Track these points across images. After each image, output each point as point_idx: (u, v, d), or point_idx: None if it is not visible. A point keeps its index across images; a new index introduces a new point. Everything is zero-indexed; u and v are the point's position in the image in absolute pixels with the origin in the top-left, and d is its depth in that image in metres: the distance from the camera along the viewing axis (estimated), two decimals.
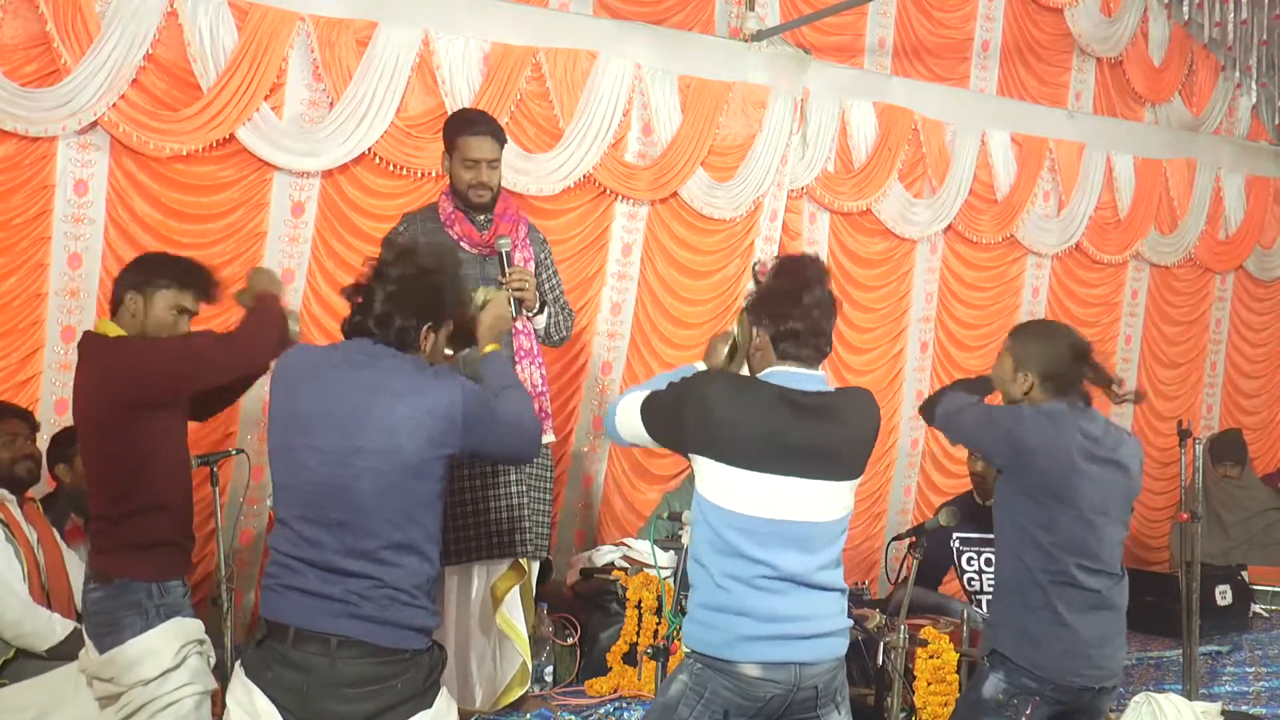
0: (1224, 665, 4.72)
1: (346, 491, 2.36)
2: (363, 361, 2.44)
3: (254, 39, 4.35)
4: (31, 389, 4.20)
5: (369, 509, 2.36)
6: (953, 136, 5.99)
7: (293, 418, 2.44)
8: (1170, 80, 6.84)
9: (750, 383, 2.54)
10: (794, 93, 5.46)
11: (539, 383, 3.77)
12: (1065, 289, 6.56)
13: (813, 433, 2.46)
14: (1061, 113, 6.41)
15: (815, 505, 2.47)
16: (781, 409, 2.45)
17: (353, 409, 2.39)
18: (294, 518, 2.42)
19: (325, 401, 2.41)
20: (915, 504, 6.24)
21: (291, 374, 2.51)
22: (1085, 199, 6.40)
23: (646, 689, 3.97)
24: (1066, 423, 2.89)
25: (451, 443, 2.43)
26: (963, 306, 6.26)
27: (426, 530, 2.43)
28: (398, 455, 2.37)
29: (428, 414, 2.39)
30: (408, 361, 2.46)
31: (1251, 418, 7.32)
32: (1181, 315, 7.01)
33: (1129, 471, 2.98)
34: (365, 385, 2.41)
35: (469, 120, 3.84)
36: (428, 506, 2.44)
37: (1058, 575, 2.86)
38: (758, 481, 2.43)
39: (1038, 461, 2.87)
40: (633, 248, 5.32)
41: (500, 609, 3.64)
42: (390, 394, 2.40)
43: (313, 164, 4.54)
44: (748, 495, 2.43)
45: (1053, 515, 2.86)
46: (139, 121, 4.20)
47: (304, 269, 4.66)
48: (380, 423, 2.37)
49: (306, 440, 2.40)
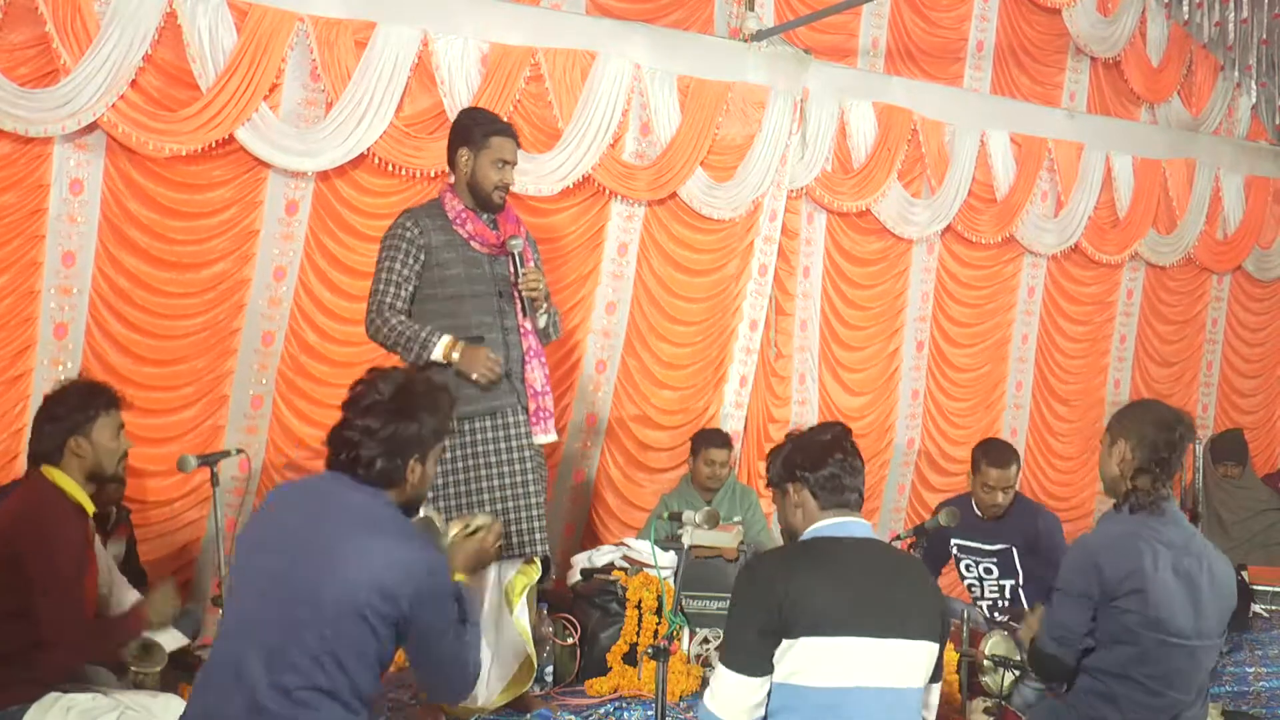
0: (1224, 665, 4.68)
1: (279, 623, 2.24)
2: (339, 493, 2.35)
3: (253, 39, 4.34)
4: (23, 385, 4.21)
5: (299, 643, 2.22)
6: (952, 137, 6.01)
7: (253, 537, 2.40)
8: (1169, 80, 6.87)
9: (805, 547, 2.47)
10: (793, 93, 5.47)
11: (543, 382, 3.77)
12: (1060, 289, 6.61)
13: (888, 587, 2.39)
14: (1061, 113, 6.43)
15: (896, 668, 2.36)
16: (854, 563, 2.40)
17: (311, 539, 2.28)
18: (222, 636, 2.35)
19: (291, 528, 2.33)
20: (909, 502, 6.28)
21: (275, 503, 2.48)
22: (1084, 199, 6.43)
23: (646, 689, 3.97)
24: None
25: (400, 608, 2.26)
26: (958, 306, 6.30)
27: (354, 684, 2.25)
28: (343, 597, 2.22)
29: (385, 566, 2.25)
30: (383, 500, 2.36)
31: (1248, 417, 7.36)
32: (1176, 315, 7.06)
33: None
34: (333, 518, 2.31)
35: (499, 121, 3.85)
36: (363, 660, 2.26)
37: None
38: (848, 648, 2.32)
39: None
40: (628, 247, 5.34)
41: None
42: (354, 533, 2.29)
43: (311, 164, 4.55)
44: (836, 666, 2.31)
45: None
46: (138, 122, 4.21)
47: (296, 267, 4.68)
48: (335, 559, 2.25)
49: (254, 560, 2.34)
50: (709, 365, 5.59)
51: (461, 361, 3.59)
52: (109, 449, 3.12)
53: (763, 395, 5.71)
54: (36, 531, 2.93)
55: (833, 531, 2.46)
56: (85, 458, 3.08)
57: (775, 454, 2.61)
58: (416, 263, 3.68)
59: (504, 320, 3.71)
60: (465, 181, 3.76)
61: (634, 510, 5.43)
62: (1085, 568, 2.78)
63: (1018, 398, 6.52)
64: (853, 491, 2.50)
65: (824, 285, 5.87)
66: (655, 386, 5.47)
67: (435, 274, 3.68)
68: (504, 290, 3.72)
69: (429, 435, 2.40)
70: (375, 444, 2.33)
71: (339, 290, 4.74)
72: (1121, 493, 2.86)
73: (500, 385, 3.66)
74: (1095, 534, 2.88)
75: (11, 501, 3.18)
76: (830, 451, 2.50)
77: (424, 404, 2.40)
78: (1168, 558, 2.75)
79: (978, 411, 6.33)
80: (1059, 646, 2.83)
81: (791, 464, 2.52)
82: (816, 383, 5.88)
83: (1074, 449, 6.67)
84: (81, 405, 3.10)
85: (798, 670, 2.32)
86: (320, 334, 4.74)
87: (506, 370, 3.67)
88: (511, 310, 3.73)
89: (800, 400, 5.79)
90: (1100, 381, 6.81)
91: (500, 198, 3.73)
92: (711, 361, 5.59)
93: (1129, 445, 2.85)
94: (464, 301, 3.67)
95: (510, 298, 3.73)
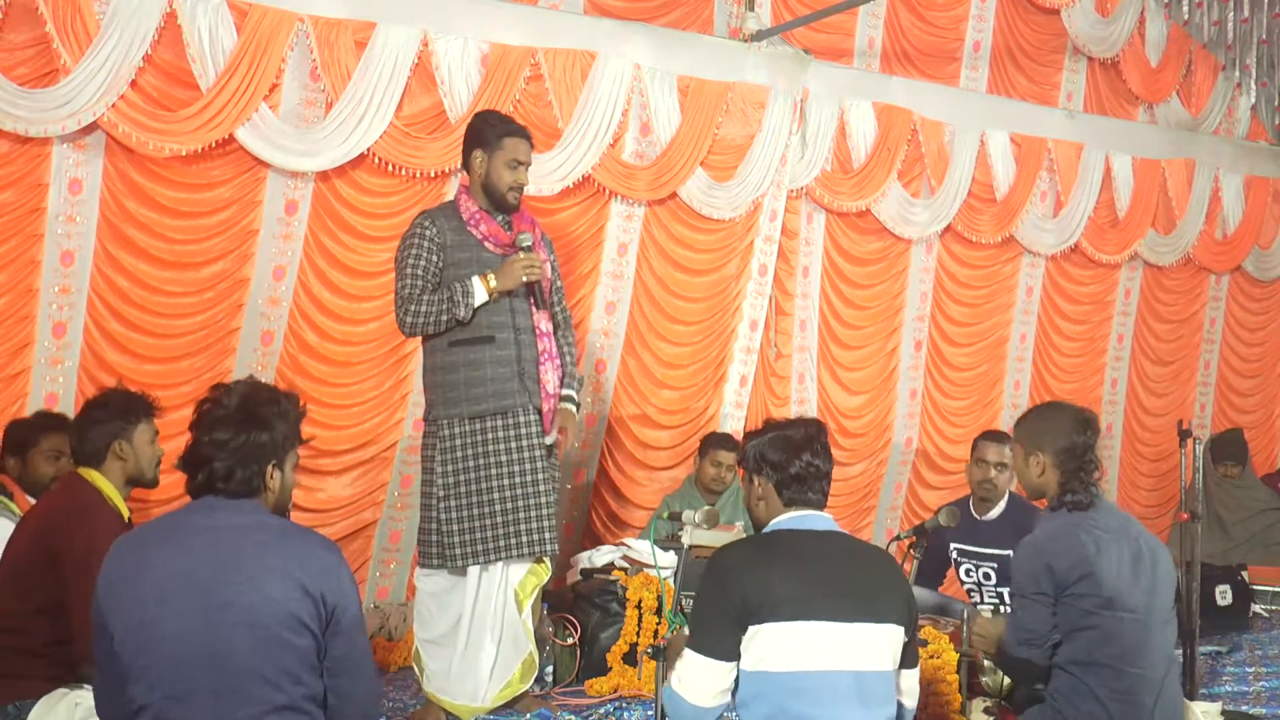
0: (1224, 665, 4.70)
1: (215, 657, 2.14)
2: (219, 516, 2.26)
3: (253, 39, 4.36)
4: (21, 383, 4.22)
5: (244, 670, 2.14)
6: (952, 136, 6.04)
7: (146, 588, 2.19)
8: (1168, 80, 6.89)
9: (767, 538, 2.52)
10: (793, 93, 5.49)
11: (558, 384, 3.80)
12: (1058, 288, 6.63)
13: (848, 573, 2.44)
14: (1060, 113, 6.44)
15: (863, 651, 2.40)
16: (806, 553, 2.44)
17: (215, 563, 2.19)
18: (159, 700, 2.16)
19: (183, 563, 2.19)
20: (906, 500, 6.32)
21: (137, 547, 2.27)
22: (1084, 199, 6.45)
23: (646, 689, 3.98)
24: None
25: (327, 603, 2.22)
26: (957, 305, 6.33)
27: (311, 690, 2.20)
28: (270, 606, 2.16)
29: (298, 564, 2.21)
30: (263, 511, 2.31)
31: (1247, 417, 7.38)
32: (1173, 314, 7.08)
33: None
34: (226, 539, 2.23)
35: (512, 123, 3.87)
36: (311, 666, 2.21)
37: None
38: (812, 631, 2.36)
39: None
40: (628, 247, 5.36)
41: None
42: (255, 544, 2.23)
43: (311, 164, 4.57)
44: (803, 649, 2.35)
45: None
46: (138, 122, 4.22)
47: (295, 266, 4.70)
48: (247, 573, 2.18)
49: (163, 609, 2.16)
50: (709, 365, 5.61)
51: (502, 282, 3.65)
52: (149, 454, 3.20)
53: (762, 395, 5.73)
54: (76, 532, 2.96)
55: (795, 524, 2.50)
56: (128, 461, 3.15)
57: (751, 439, 2.65)
58: (437, 259, 3.71)
59: (516, 320, 3.73)
60: (480, 183, 3.78)
61: (634, 509, 5.46)
62: (1035, 569, 2.92)
63: (1015, 397, 6.54)
64: (816, 493, 2.54)
65: (823, 285, 5.90)
66: (655, 386, 5.50)
67: (450, 274, 3.71)
68: (517, 291, 3.74)
69: (281, 440, 2.35)
70: (228, 455, 2.27)
71: (338, 290, 4.77)
72: (1052, 497, 3.04)
73: (512, 385, 3.69)
74: (1038, 535, 3.00)
75: (52, 498, 3.26)
76: (799, 452, 2.53)
77: (271, 411, 2.35)
78: (1108, 541, 2.91)
79: (975, 411, 6.35)
80: (1028, 649, 2.94)
81: (762, 459, 2.56)
82: (815, 382, 5.90)
83: None
84: (124, 411, 3.17)
85: (765, 656, 2.35)
86: (319, 333, 4.77)
87: (519, 371, 3.70)
88: (525, 311, 3.76)
89: (799, 400, 5.81)
90: (1097, 381, 6.84)
91: (515, 198, 3.76)
92: (711, 361, 5.61)
93: (1047, 456, 3.02)
94: None
95: (524, 298, 3.76)
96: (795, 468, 2.51)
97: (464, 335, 3.67)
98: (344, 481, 4.88)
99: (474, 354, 3.67)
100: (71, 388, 4.30)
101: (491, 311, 3.69)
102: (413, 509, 4.99)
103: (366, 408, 4.88)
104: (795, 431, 2.58)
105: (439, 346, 3.73)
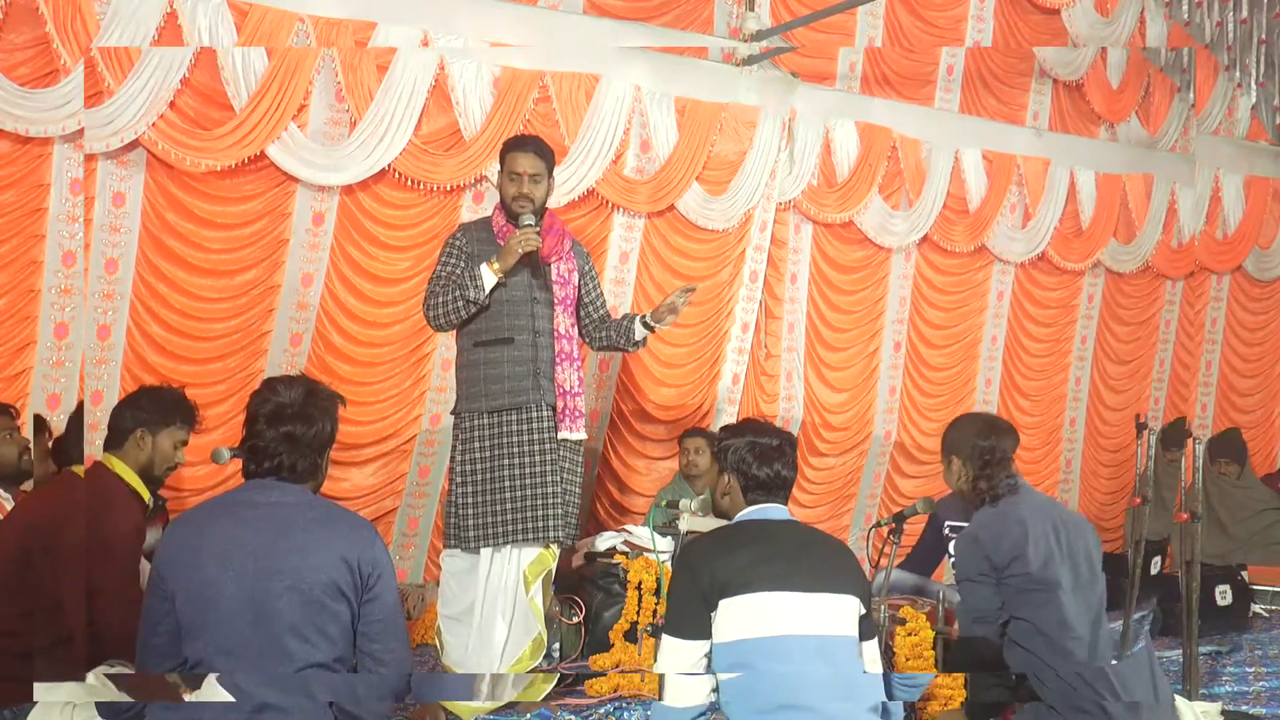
0: (1224, 665, 4.61)
1: (262, 615, 2.33)
2: (274, 494, 2.47)
3: (283, 63, 4.48)
4: (22, 383, 4.29)
5: (286, 629, 2.33)
6: (929, 153, 6.12)
7: (207, 555, 2.38)
8: (1128, 101, 6.93)
9: (732, 528, 2.70)
10: (782, 113, 5.62)
11: (576, 384, 3.88)
12: (1027, 294, 6.72)
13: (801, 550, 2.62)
14: (1029, 131, 6.51)
15: (826, 618, 2.56)
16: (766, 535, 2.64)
17: (269, 534, 2.39)
18: (212, 654, 2.35)
19: (242, 533, 2.39)
20: (884, 489, 6.46)
21: (200, 519, 2.48)
22: (1050, 211, 6.53)
23: (648, 685, 3.96)
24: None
25: (363, 572, 2.41)
26: (933, 310, 6.43)
27: (341, 653, 2.39)
28: (313, 573, 2.36)
29: (340, 537, 2.42)
30: (311, 493, 2.51)
31: (1247, 417, 7.42)
32: (1131, 317, 7.14)
33: None
34: (279, 513, 2.43)
35: (517, 138, 4.00)
36: (344, 630, 2.40)
37: None
38: (779, 601, 2.53)
39: None
40: (630, 255, 5.48)
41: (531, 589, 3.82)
42: (305, 520, 2.42)
43: (336, 179, 4.70)
44: (772, 617, 2.51)
45: None
46: (176, 140, 4.35)
47: (322, 274, 4.87)
48: (296, 543, 2.38)
49: (223, 573, 2.35)
50: (704, 364, 5.73)
51: (504, 259, 3.73)
52: (165, 455, 3.19)
53: (753, 392, 5.85)
54: (95, 524, 2.94)
55: (757, 515, 2.71)
56: (143, 452, 3.15)
57: (728, 435, 2.81)
58: (463, 265, 3.81)
59: (536, 324, 3.83)
60: (500, 197, 3.93)
61: (636, 497, 5.61)
62: (973, 554, 3.15)
63: (986, 394, 6.64)
64: (778, 498, 2.73)
65: (810, 291, 6.00)
66: (655, 384, 5.61)
67: None
68: (539, 297, 3.83)
69: (331, 433, 2.57)
70: (294, 447, 2.47)
71: (362, 295, 4.91)
72: (976, 496, 3.25)
73: (527, 384, 3.81)
74: (972, 525, 3.22)
75: (41, 498, 3.25)
76: (770, 462, 2.71)
77: (328, 406, 2.57)
78: (1034, 521, 3.13)
79: (950, 406, 6.39)
80: (981, 627, 3.13)
81: (737, 461, 2.74)
82: (802, 380, 6.00)
83: (1037, 441, 6.80)
84: (162, 408, 3.19)
85: (738, 626, 2.52)
86: (345, 336, 4.92)
87: (535, 370, 3.80)
88: (546, 316, 3.85)
89: (787, 396, 5.91)
90: (1062, 379, 6.95)
91: (519, 208, 3.80)
92: (706, 361, 5.73)
93: (961, 461, 3.27)
94: (499, 305, 3.81)
95: (546, 304, 3.85)
96: (764, 475, 2.71)
97: (486, 337, 3.79)
98: (366, 472, 5.01)
99: (493, 354, 3.79)
100: (115, 387, 4.42)
101: (514, 314, 3.80)
102: (429, 498, 5.17)
103: (388, 404, 5.01)
104: (769, 440, 2.74)
105: (465, 347, 3.85)
